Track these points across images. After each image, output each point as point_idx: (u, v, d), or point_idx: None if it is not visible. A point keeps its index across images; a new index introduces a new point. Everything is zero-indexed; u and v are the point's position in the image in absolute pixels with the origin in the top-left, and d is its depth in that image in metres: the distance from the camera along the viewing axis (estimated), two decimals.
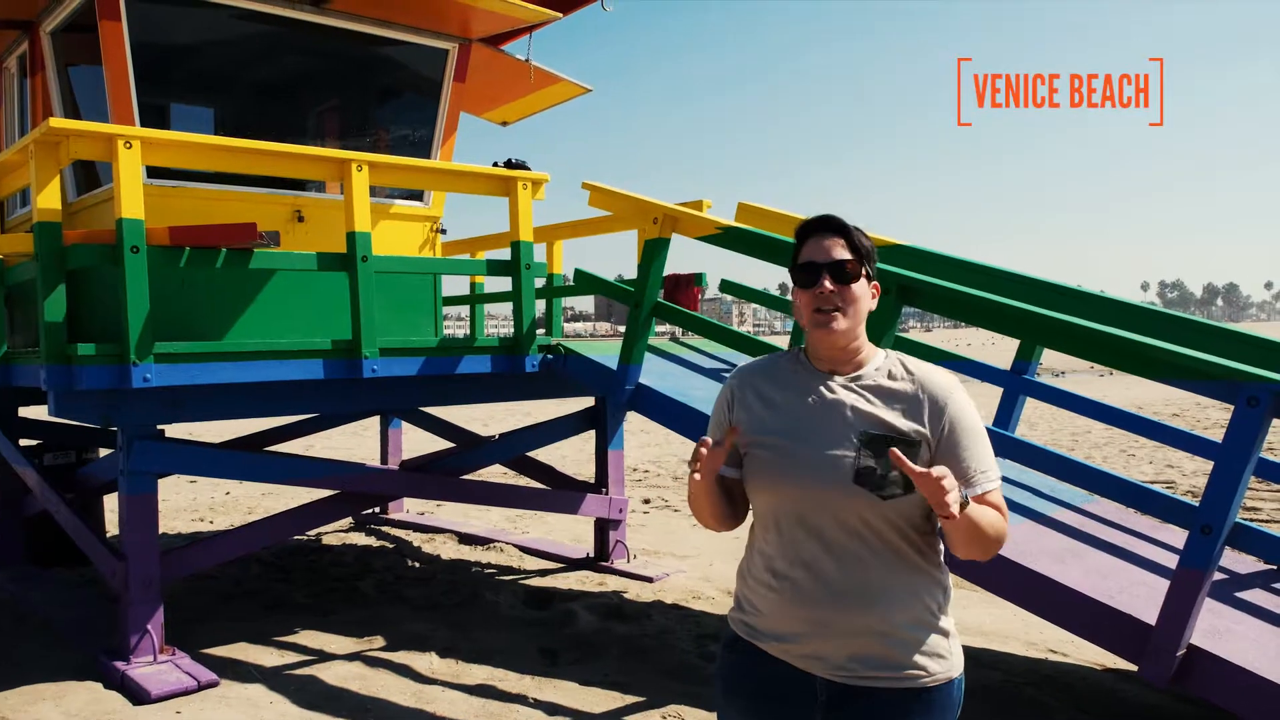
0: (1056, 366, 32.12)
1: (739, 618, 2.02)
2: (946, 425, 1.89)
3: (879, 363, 2.00)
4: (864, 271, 1.96)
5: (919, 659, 1.86)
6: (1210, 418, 17.26)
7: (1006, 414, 5.18)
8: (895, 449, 1.72)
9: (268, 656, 4.88)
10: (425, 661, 4.79)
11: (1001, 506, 1.91)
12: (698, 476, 1.87)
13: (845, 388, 1.95)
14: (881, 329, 3.98)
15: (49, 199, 4.32)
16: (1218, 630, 3.38)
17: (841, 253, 1.95)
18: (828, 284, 1.93)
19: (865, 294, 1.96)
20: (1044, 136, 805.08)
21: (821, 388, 1.96)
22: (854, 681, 1.86)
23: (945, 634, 1.91)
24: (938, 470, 1.68)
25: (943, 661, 1.89)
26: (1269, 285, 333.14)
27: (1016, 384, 4.99)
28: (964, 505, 1.76)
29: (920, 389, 1.93)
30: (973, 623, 5.36)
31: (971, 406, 1.94)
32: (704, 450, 1.87)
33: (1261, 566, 4.26)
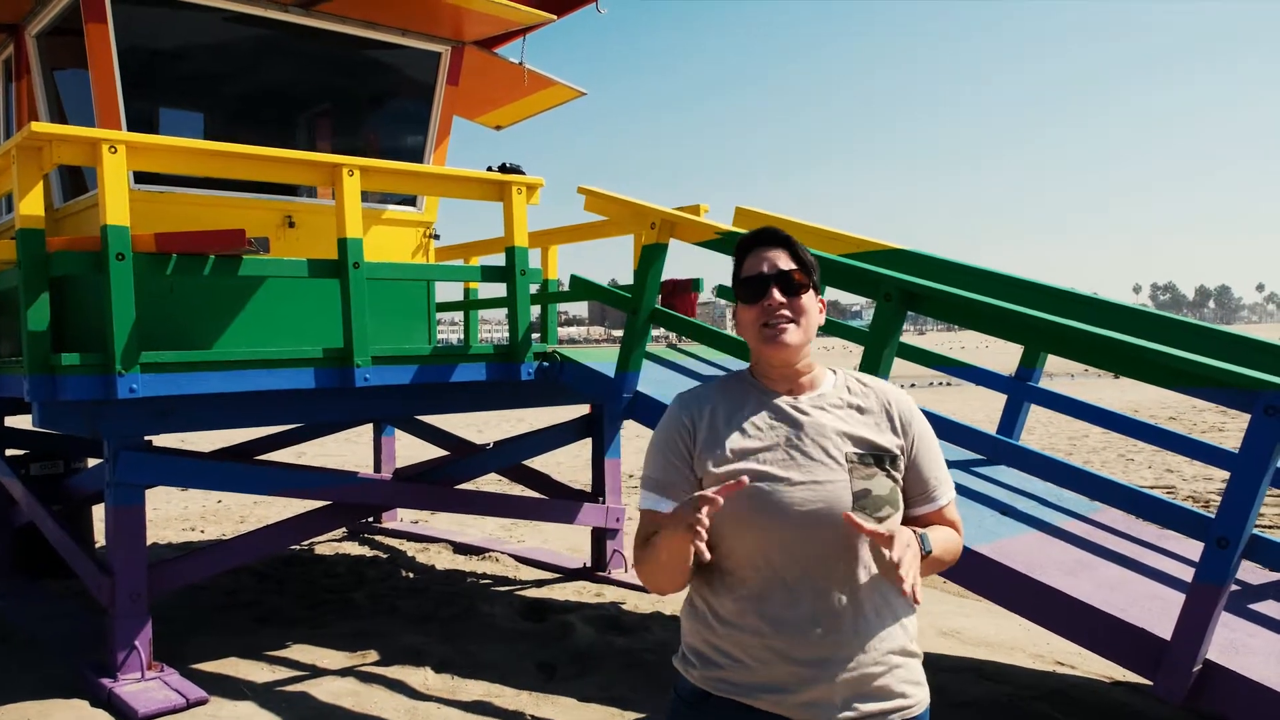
0: (1048, 370, 32.11)
1: (710, 674, 1.81)
2: (915, 438, 1.88)
3: (834, 379, 1.92)
4: (811, 283, 1.87)
5: (907, 687, 1.80)
6: (1207, 421, 17.23)
7: (1011, 421, 5.10)
8: (850, 514, 1.66)
9: (258, 672, 4.77)
10: (420, 677, 4.69)
11: (957, 521, 1.92)
12: (702, 548, 1.58)
13: (816, 407, 1.85)
14: (885, 336, 3.89)
15: (31, 205, 4.22)
16: (1233, 645, 3.29)
17: (787, 263, 1.86)
18: (776, 295, 1.83)
19: (814, 307, 1.87)
20: (1032, 140, 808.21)
21: (790, 410, 1.84)
22: None
23: (918, 657, 1.87)
24: (900, 541, 1.63)
25: (922, 688, 1.84)
26: (1260, 288, 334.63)
27: (1021, 390, 4.91)
28: (926, 554, 1.73)
29: (887, 403, 1.89)
30: (977, 634, 5.28)
31: (926, 419, 1.94)
32: (703, 515, 1.59)
33: (1272, 577, 4.18)
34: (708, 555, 1.61)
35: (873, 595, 1.77)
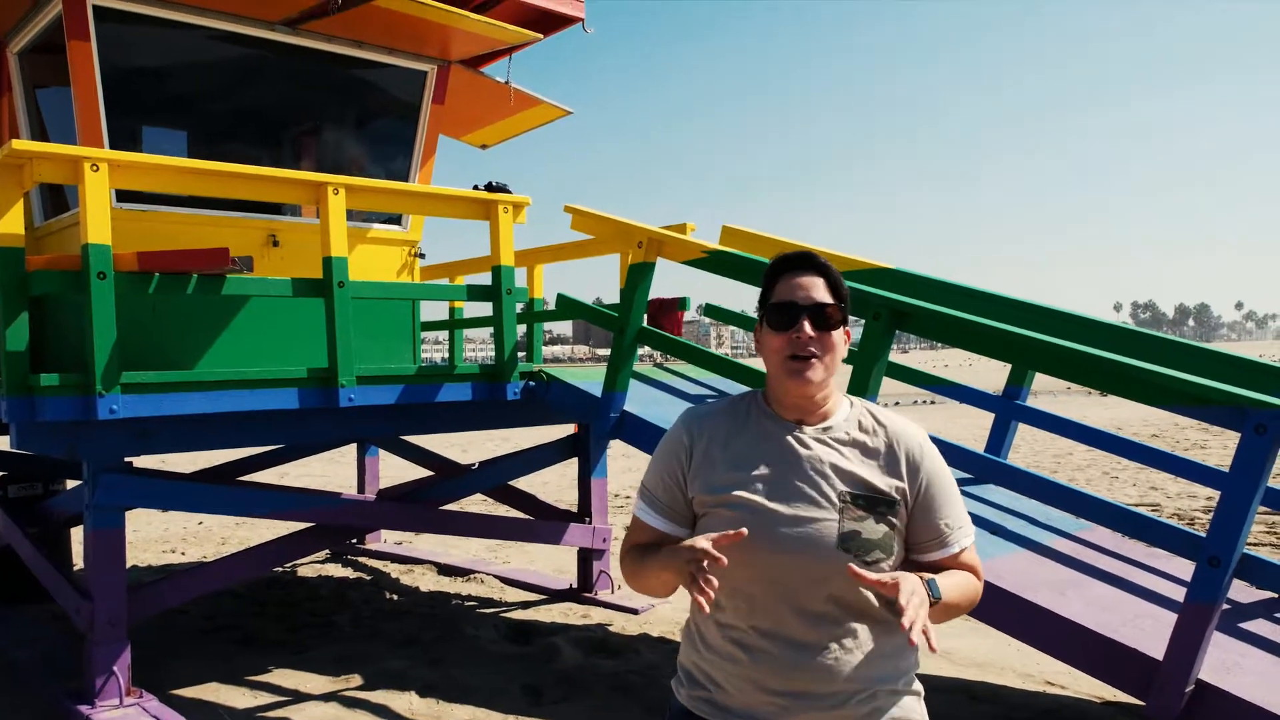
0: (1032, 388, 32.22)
1: (696, 694, 1.81)
2: (924, 481, 1.80)
3: (847, 412, 1.85)
4: (844, 318, 1.82)
5: None
6: (1189, 438, 17.32)
7: (999, 439, 5.10)
8: (853, 566, 1.62)
9: (239, 698, 4.69)
10: (404, 701, 4.62)
11: (975, 565, 1.83)
12: (703, 603, 1.57)
13: (818, 440, 1.79)
14: (874, 355, 3.88)
15: (11, 223, 4.16)
16: (1225, 664, 3.28)
17: (823, 295, 1.79)
18: (808, 329, 1.76)
19: (842, 341, 1.81)
20: (1011, 156, 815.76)
21: (792, 440, 1.79)
22: None
23: (918, 696, 1.82)
24: (905, 589, 1.57)
25: None
26: (1239, 306, 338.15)
27: (1009, 409, 4.91)
28: (935, 601, 1.66)
29: (895, 442, 1.81)
30: (965, 653, 5.25)
31: (943, 460, 1.86)
32: (706, 564, 1.59)
33: (1262, 596, 4.17)
34: (707, 609, 1.59)
35: (859, 633, 1.73)
